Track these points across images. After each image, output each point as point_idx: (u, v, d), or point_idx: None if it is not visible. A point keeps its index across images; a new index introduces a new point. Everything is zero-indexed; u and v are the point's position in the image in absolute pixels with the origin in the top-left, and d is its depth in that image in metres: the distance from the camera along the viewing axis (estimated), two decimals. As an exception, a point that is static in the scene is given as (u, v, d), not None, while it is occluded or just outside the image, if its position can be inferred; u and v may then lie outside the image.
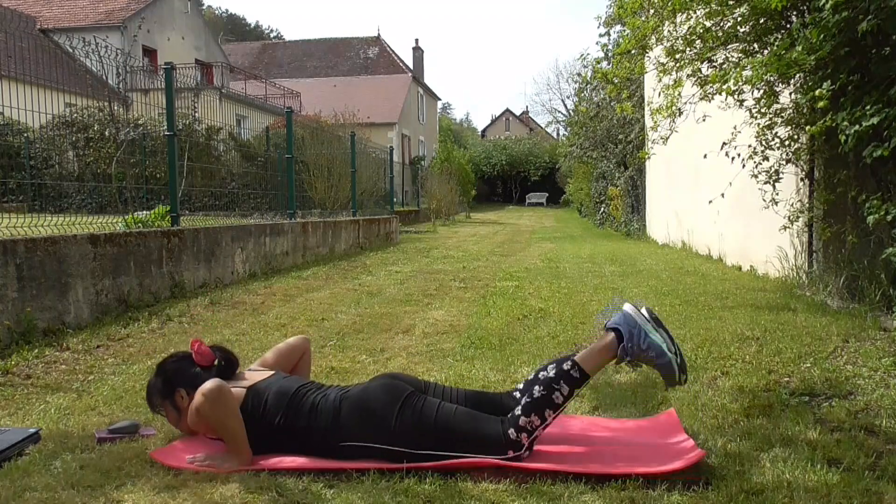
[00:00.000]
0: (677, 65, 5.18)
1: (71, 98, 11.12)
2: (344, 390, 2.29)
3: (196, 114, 10.20)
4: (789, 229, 5.48)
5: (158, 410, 2.42)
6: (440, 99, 46.69)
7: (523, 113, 62.49)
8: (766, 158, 5.20)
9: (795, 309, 4.58)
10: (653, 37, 5.23)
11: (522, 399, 2.18)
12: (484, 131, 62.49)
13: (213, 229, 6.35)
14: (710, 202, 6.43)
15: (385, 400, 2.17)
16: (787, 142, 5.12)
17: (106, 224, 5.54)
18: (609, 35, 12.67)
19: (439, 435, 2.11)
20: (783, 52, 4.17)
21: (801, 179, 5.56)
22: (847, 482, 1.92)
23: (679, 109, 5.34)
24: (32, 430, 2.37)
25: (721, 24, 4.92)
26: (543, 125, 57.05)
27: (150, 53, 25.75)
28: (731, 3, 4.70)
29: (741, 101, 5.01)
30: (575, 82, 33.52)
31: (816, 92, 4.03)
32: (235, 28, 61.09)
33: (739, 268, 7.12)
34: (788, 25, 4.66)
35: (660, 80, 5.40)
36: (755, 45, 4.88)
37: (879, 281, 4.40)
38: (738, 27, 4.85)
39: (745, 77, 4.53)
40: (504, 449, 2.10)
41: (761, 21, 4.68)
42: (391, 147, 17.75)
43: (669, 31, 5.15)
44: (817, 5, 4.02)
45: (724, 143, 5.35)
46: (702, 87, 5.13)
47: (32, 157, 11.09)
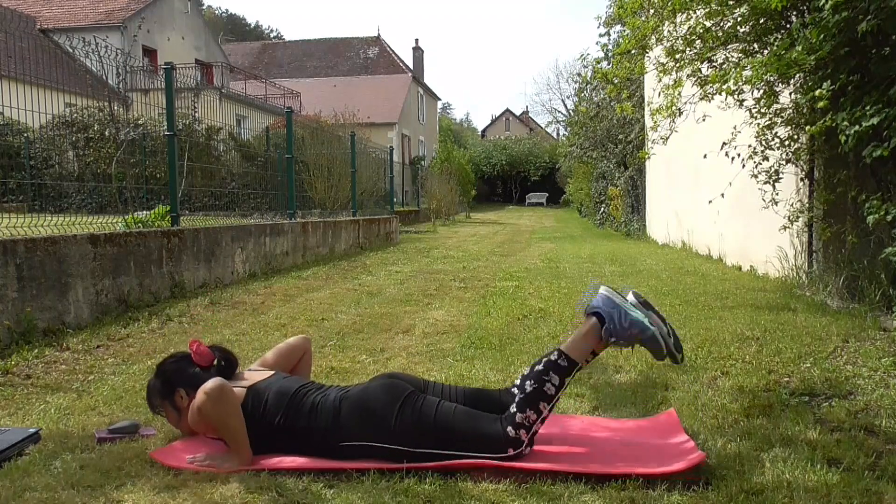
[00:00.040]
0: (677, 65, 5.19)
1: (71, 98, 11.12)
2: (344, 390, 2.29)
3: (196, 114, 10.20)
4: (789, 229, 5.48)
5: (158, 411, 2.43)
6: (440, 99, 46.74)
7: (523, 113, 62.50)
8: (766, 158, 5.21)
9: (795, 309, 4.58)
10: (653, 37, 5.23)
11: (517, 396, 2.19)
12: (484, 131, 62.50)
13: (213, 229, 6.35)
14: (710, 202, 6.43)
15: (385, 399, 2.18)
16: (787, 142, 5.12)
17: (106, 224, 5.54)
18: (609, 35, 12.73)
19: (439, 434, 2.11)
20: (783, 52, 4.18)
21: (801, 179, 5.56)
22: (847, 482, 1.93)
23: (679, 109, 5.35)
24: (32, 430, 2.37)
25: (721, 24, 4.93)
26: (543, 125, 57.12)
27: (150, 53, 25.76)
28: (731, 3, 4.70)
29: (741, 101, 5.01)
30: (575, 82, 33.58)
31: (816, 92, 4.03)
32: (235, 28, 61.11)
33: (739, 268, 7.12)
34: (788, 25, 4.66)
35: (660, 80, 5.40)
36: (755, 45, 4.88)
37: (879, 281, 4.40)
38: (738, 27, 4.85)
39: (745, 77, 4.53)
40: (504, 447, 2.11)
41: (761, 21, 4.68)
42: (391, 147, 17.75)
43: (669, 31, 5.15)
44: (817, 5, 4.02)
45: (724, 143, 5.35)
46: (702, 87, 5.14)
47: (32, 157, 11.09)
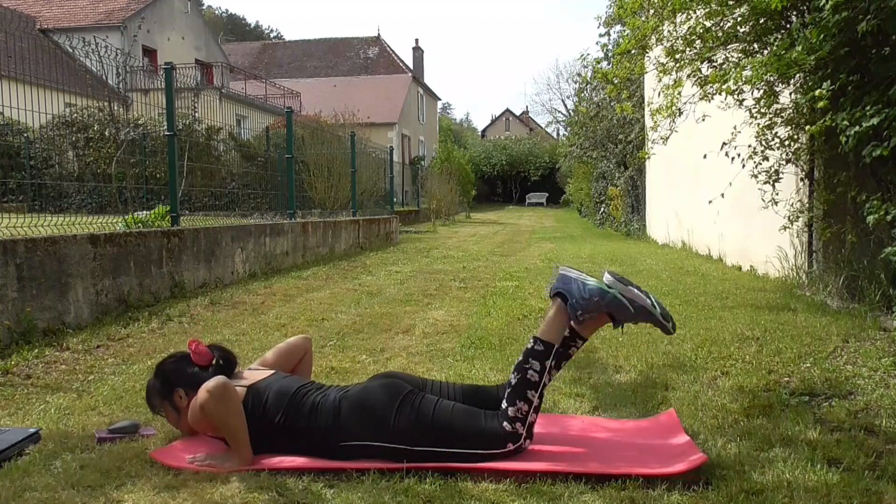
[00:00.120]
0: (677, 65, 5.18)
1: (71, 98, 11.11)
2: (343, 390, 2.30)
3: (196, 114, 10.19)
4: (789, 229, 5.48)
5: (158, 411, 2.43)
6: (440, 99, 46.74)
7: (523, 113, 62.50)
8: (766, 158, 5.21)
9: (795, 309, 4.59)
10: (653, 37, 5.23)
11: (506, 391, 2.22)
12: (484, 131, 62.50)
13: (213, 229, 6.35)
14: (710, 202, 6.43)
15: (384, 399, 2.18)
16: (787, 142, 5.12)
17: (106, 224, 5.54)
18: (609, 35, 12.74)
19: (437, 433, 2.12)
20: (783, 52, 4.18)
21: (801, 179, 5.56)
22: (847, 482, 1.93)
23: (679, 109, 5.35)
24: (32, 430, 2.37)
25: (721, 25, 4.93)
26: (543, 125, 57.12)
27: (150, 53, 25.76)
28: (731, 4, 4.70)
29: (741, 101, 5.01)
30: (575, 82, 33.64)
31: (816, 92, 4.03)
32: (235, 28, 61.11)
33: (739, 268, 7.12)
34: (788, 25, 4.66)
35: (660, 81, 5.40)
36: (755, 45, 4.88)
37: (879, 281, 4.40)
38: (738, 27, 4.85)
39: (745, 77, 4.53)
40: (503, 442, 2.12)
41: (761, 21, 4.68)
42: (391, 147, 17.75)
43: (669, 32, 5.15)
44: (817, 5, 4.02)
45: (724, 143, 5.35)
46: (702, 87, 5.14)
47: (32, 157, 11.09)
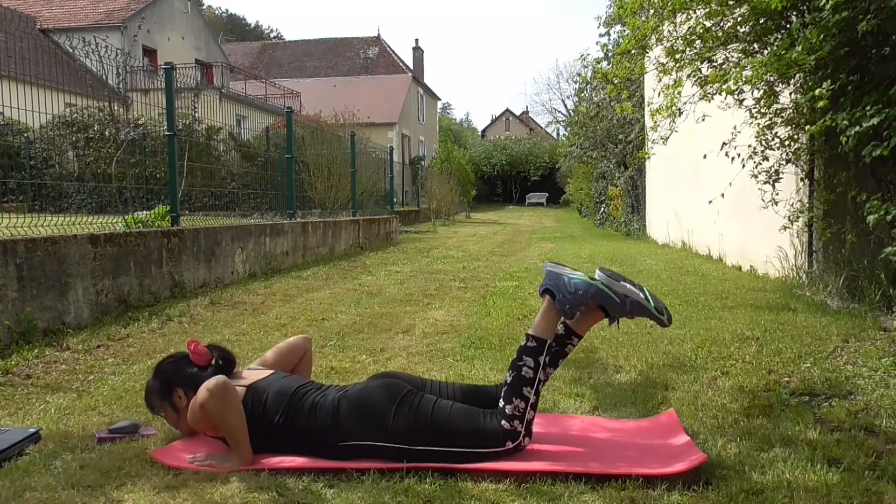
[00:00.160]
0: (677, 65, 5.18)
1: (71, 98, 11.12)
2: (343, 390, 2.30)
3: (196, 114, 10.20)
4: (789, 229, 5.48)
5: (157, 411, 2.43)
6: (440, 99, 46.73)
7: (523, 113, 62.50)
8: (766, 158, 5.21)
9: (795, 309, 4.59)
10: (653, 37, 5.23)
11: (503, 389, 2.23)
12: (484, 131, 62.50)
13: (213, 229, 6.35)
14: (710, 202, 6.43)
15: (383, 399, 2.18)
16: (787, 142, 5.12)
17: (106, 224, 5.54)
18: (609, 35, 12.74)
19: (436, 433, 2.12)
20: (783, 52, 4.18)
21: (801, 179, 5.56)
22: (847, 482, 1.92)
23: (679, 109, 5.35)
24: (32, 430, 2.37)
25: (721, 25, 4.93)
26: (543, 125, 57.11)
27: (150, 53, 25.76)
28: (731, 4, 4.70)
29: (741, 101, 5.01)
30: (575, 82, 33.66)
31: (816, 92, 4.03)
32: (235, 28, 61.11)
33: (739, 268, 7.12)
34: (788, 25, 4.66)
35: (660, 80, 5.40)
36: (755, 45, 4.88)
37: (879, 281, 4.40)
38: (738, 27, 4.85)
39: (745, 77, 4.53)
40: (502, 441, 2.13)
41: (761, 21, 4.68)
42: (391, 147, 17.75)
43: (669, 32, 5.15)
44: (817, 5, 4.02)
45: (724, 143, 5.35)
46: (702, 87, 5.13)
47: (32, 157, 11.09)
